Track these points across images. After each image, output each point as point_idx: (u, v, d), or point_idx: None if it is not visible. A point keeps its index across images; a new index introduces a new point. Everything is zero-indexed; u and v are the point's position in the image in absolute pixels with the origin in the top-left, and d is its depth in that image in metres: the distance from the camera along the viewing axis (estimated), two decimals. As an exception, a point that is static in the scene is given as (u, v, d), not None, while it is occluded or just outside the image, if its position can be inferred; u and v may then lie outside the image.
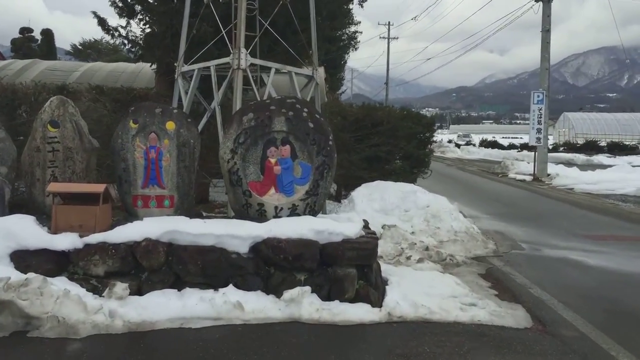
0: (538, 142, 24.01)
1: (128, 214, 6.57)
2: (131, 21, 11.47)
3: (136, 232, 5.70)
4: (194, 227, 5.82)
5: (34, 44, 40.49)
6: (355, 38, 34.99)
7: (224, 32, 9.39)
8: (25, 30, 40.74)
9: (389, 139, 11.61)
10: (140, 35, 11.68)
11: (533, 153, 43.45)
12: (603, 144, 48.18)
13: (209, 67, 9.59)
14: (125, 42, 11.79)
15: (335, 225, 6.08)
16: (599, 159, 38.49)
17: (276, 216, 6.48)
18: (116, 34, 11.65)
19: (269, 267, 5.80)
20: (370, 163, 11.69)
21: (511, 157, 38.21)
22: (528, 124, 25.28)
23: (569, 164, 32.08)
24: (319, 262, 5.80)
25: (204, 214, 7.73)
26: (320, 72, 11.91)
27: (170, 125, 6.40)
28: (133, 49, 11.82)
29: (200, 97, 10.87)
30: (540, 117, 23.88)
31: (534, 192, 19.64)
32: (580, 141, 50.06)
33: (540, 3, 24.88)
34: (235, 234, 5.79)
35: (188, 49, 10.88)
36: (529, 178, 24.26)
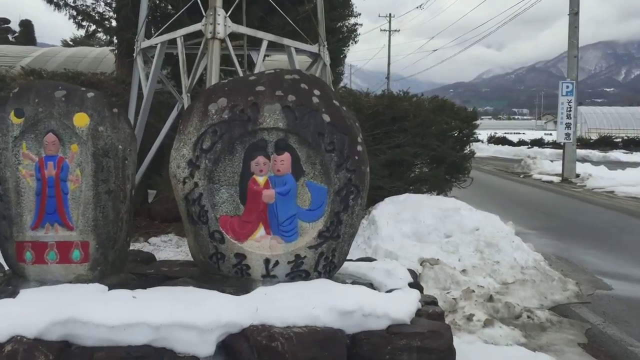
0: (567, 139, 21.27)
1: (7, 276, 3.84)
2: (79, -15, 8.67)
3: (-4, 325, 2.98)
4: (113, 310, 3.09)
5: (10, 36, 37.55)
6: (355, 31, 32.90)
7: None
8: (1, 21, 37.79)
9: (417, 138, 8.86)
10: (93, 3, 8.87)
11: (544, 149, 40.89)
12: (617, 139, 45.59)
13: (175, 42, 6.86)
14: (75, 14, 8.98)
15: (372, 298, 3.36)
16: (616, 156, 35.90)
17: (267, 277, 3.75)
18: (61, 2, 8.83)
19: (254, 387, 3.08)
20: (393, 169, 8.93)
21: (523, 154, 35.52)
22: (527, 119, 22.81)
23: (584, 160, 29.50)
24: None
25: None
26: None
27: (81, 120, 3.66)
28: (83, 23, 9.02)
29: (167, 83, 8.13)
30: (570, 111, 21.16)
31: (571, 197, 16.93)
32: (594, 136, 47.39)
33: (568, -17, 22.11)
34: (189, 321, 3.06)
35: (154, 22, 8.12)
36: (556, 179, 21.52)
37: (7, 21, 38.37)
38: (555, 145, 43.96)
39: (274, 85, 3.80)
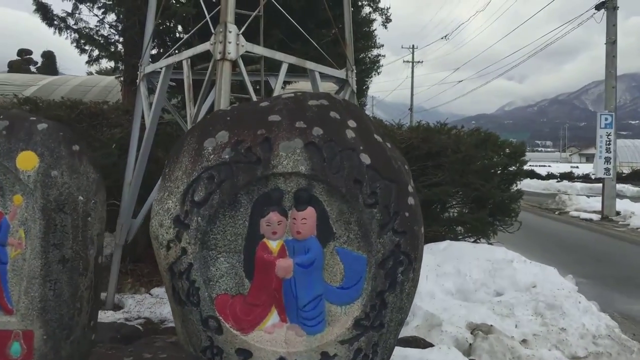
0: (607, 174, 19.90)
1: None
2: (81, 5, 7.83)
3: None
4: None
5: (32, 67, 37.47)
6: (378, 62, 32.50)
7: (208, 17, 5.71)
8: (24, 52, 37.75)
9: (456, 175, 7.75)
10: (97, 26, 8.02)
11: (575, 184, 39.31)
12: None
13: (181, 65, 5.91)
14: (77, 37, 8.14)
15: None
16: (651, 191, 34.23)
17: (282, 386, 2.65)
18: (62, 25, 8.00)
19: None
20: (427, 210, 7.80)
21: (554, 188, 34.04)
22: (551, 151, 21.37)
23: (618, 196, 28.01)
24: None
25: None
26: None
27: (26, 162, 2.65)
28: (86, 47, 8.15)
29: (175, 112, 7.18)
30: (610, 144, 19.86)
31: (617, 238, 15.56)
32: (626, 170, 45.62)
33: (604, 11, 21.04)
34: None
35: (163, 46, 7.22)
36: (595, 217, 20.10)
37: (29, 52, 38.38)
38: (585, 179, 42.36)
39: (293, 113, 2.76)
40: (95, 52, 8.25)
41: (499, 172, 8.21)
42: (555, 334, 5.50)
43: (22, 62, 36.42)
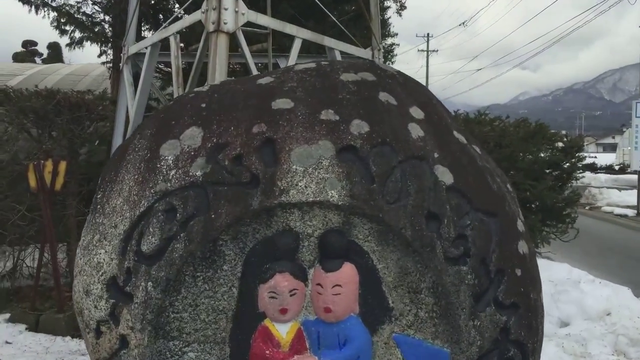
0: (645, 166, 18.53)
1: None
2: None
3: None
4: None
5: (38, 58, 36.36)
6: (392, 51, 31.47)
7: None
8: (29, 44, 36.65)
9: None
10: (78, 3, 6.86)
11: (599, 175, 37.83)
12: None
13: (168, 42, 4.74)
14: (56, 16, 6.98)
15: None
16: (681, 183, 32.63)
17: None
18: (38, 1, 6.84)
19: None
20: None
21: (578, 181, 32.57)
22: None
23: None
24: None
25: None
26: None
27: None
28: (67, 27, 6.99)
29: (164, 99, 6.02)
30: (647, 134, 18.47)
31: (662, 238, 14.20)
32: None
33: (638, -9, 19.59)
34: None
35: (156, 26, 6.08)
36: (630, 212, 18.71)
37: (34, 43, 37.23)
38: (609, 169, 40.74)
39: (316, 96, 1.57)
40: (78, 34, 7.08)
41: (549, 170, 6.93)
42: (648, 383, 4.28)
43: (26, 53, 35.30)
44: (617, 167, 40.26)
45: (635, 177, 21.82)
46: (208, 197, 1.48)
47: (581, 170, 7.22)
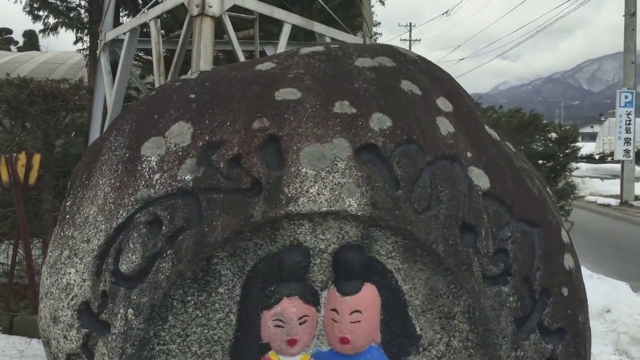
0: (626, 156, 18.55)
1: None
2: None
3: None
4: None
5: (13, 46, 35.42)
6: (375, 40, 31.48)
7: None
8: (3, 32, 35.67)
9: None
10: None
11: (579, 164, 38.13)
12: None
13: (148, 28, 4.44)
14: (28, 0, 6.61)
15: None
16: (662, 173, 33.05)
17: None
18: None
19: None
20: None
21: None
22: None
23: (636, 179, 26.78)
24: None
25: None
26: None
27: None
28: (39, 13, 6.62)
29: (144, 88, 5.72)
30: (629, 124, 18.48)
31: (645, 228, 14.22)
32: (639, 150, 44.31)
33: (623, -21, 19.53)
34: None
35: (135, 11, 5.77)
36: (613, 202, 18.76)
37: (9, 31, 36.25)
38: (589, 159, 41.07)
39: (327, 84, 1.32)
40: (52, 20, 6.71)
41: (543, 162, 6.76)
42: (652, 384, 4.14)
43: (1, 41, 34.38)
44: (597, 157, 40.58)
45: (616, 166, 21.96)
46: (200, 206, 1.23)
47: (577, 161, 7.08)
